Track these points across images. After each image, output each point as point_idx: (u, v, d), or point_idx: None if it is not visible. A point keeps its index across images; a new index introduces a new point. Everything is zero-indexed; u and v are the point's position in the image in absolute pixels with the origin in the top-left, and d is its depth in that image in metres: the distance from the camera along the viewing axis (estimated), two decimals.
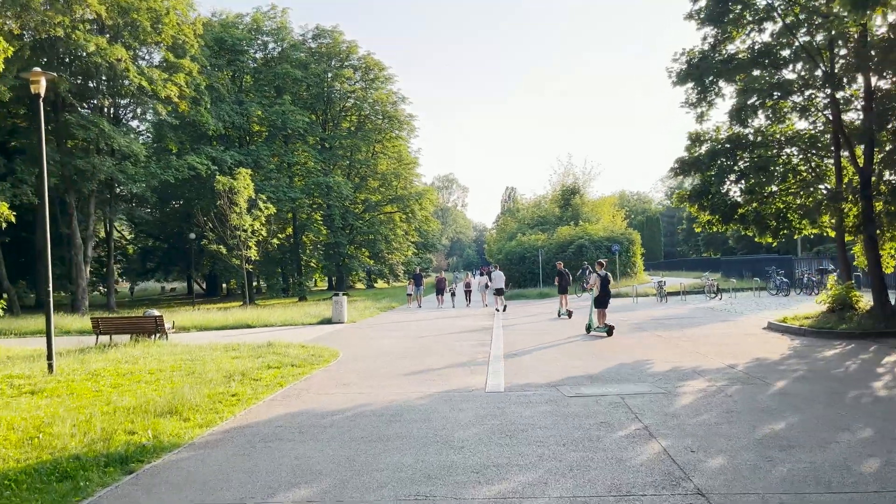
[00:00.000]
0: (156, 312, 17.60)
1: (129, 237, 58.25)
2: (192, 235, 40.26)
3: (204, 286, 63.27)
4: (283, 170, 43.62)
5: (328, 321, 23.04)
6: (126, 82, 31.09)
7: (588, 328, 16.58)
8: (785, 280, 29.36)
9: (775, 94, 15.96)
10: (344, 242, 43.38)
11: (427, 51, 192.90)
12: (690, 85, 18.46)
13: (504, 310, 25.78)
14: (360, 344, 16.25)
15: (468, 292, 38.19)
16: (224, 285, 60.39)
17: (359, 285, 73.33)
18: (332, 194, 41.55)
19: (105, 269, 42.56)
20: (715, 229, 18.55)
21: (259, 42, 44.19)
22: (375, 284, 72.51)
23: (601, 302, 16.31)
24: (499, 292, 25.99)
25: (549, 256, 43.29)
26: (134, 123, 43.65)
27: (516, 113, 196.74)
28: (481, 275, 70.84)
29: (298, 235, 43.88)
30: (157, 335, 17.20)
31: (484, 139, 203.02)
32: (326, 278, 63.16)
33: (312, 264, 46.08)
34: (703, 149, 18.51)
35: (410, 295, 29.87)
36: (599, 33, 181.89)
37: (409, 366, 12.12)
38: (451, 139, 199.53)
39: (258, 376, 11.01)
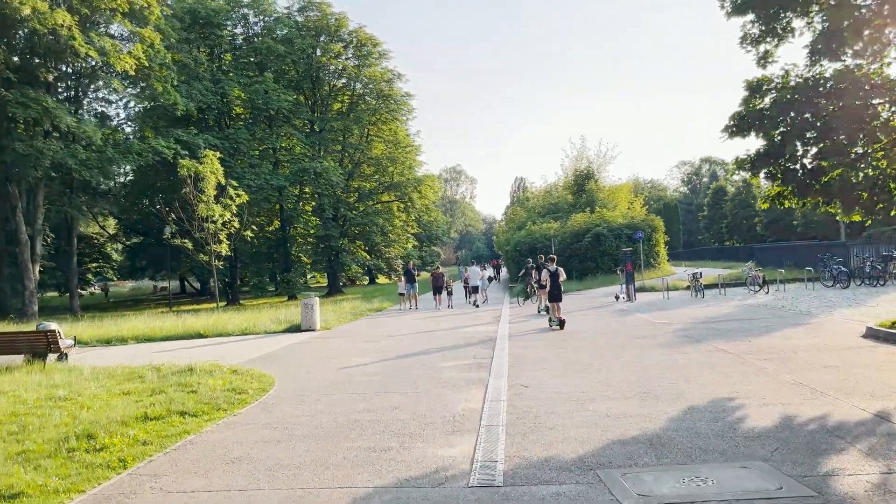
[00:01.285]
0: (52, 325, 13.42)
1: (111, 233, 54.30)
2: (168, 231, 36.21)
3: (197, 285, 59.36)
4: (267, 155, 39.44)
5: (296, 328, 18.85)
6: (73, 53, 26.92)
7: (550, 320, 17.10)
8: (844, 269, 24.82)
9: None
10: (335, 235, 39.19)
11: (435, 42, 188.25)
12: (750, 18, 14.16)
13: (480, 304, 25.48)
14: (313, 367, 11.99)
15: (467, 288, 34.01)
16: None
17: (363, 281, 69.28)
18: (320, 181, 37.33)
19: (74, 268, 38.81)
20: (789, 204, 14.09)
21: (238, 14, 39.94)
22: (377, 280, 68.29)
23: (554, 296, 17.02)
24: (474, 290, 26.12)
25: (563, 246, 38.88)
26: (113, 110, 39.73)
27: (527, 104, 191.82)
28: (493, 268, 66.76)
29: (286, 228, 39.77)
30: (52, 355, 13.04)
31: (493, 130, 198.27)
32: (326, 274, 58.96)
33: (304, 259, 41.91)
34: (767, 100, 14.10)
35: (403, 294, 25.61)
36: (609, 24, 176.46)
37: (363, 415, 7.88)
38: (459, 130, 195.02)
39: (105, 442, 6.81)
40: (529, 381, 9.44)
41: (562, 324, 16.26)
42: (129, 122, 39.44)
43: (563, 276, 17.36)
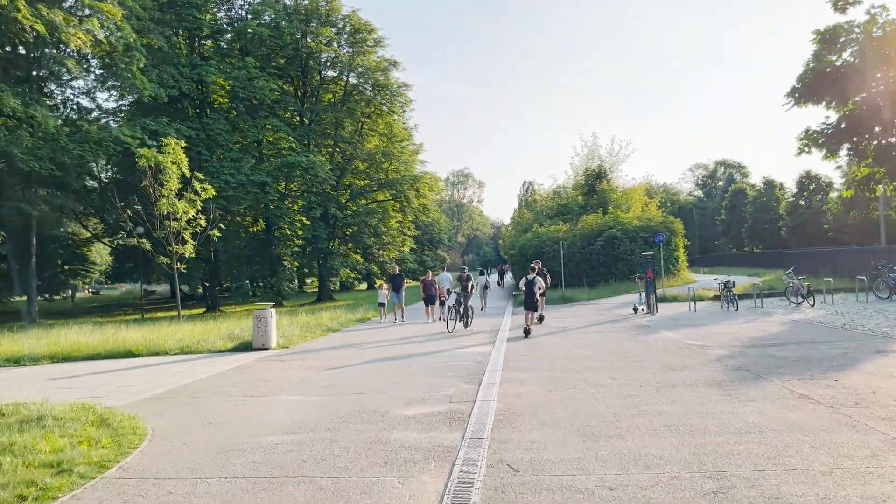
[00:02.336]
0: None
1: (93, 233, 51.15)
2: (140, 230, 33.06)
3: (185, 288, 56.17)
4: (251, 149, 36.20)
5: (247, 346, 15.52)
6: (20, 29, 23.78)
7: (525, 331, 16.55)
8: None
9: None
10: (322, 236, 35.87)
11: (442, 43, 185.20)
12: None
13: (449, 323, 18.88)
14: (217, 415, 8.61)
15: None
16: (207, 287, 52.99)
17: (361, 286, 65.94)
18: (307, 177, 34.05)
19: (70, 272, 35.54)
20: (882, 190, 10.61)
21: None
22: (377, 285, 65.07)
23: (527, 304, 17.26)
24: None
25: (573, 250, 35.40)
26: (93, 103, 36.61)
27: (537, 106, 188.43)
28: (498, 273, 63.14)
29: (272, 228, 36.52)
30: None
31: (502, 133, 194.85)
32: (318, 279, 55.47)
33: (291, 263, 38.57)
34: (847, 54, 10.66)
35: (383, 305, 22.07)
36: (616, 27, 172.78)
37: None
38: (467, 133, 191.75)
39: None
40: (522, 454, 6.03)
41: (526, 332, 16.25)
42: (114, 117, 36.31)
43: (541, 287, 17.52)
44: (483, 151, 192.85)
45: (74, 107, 34.91)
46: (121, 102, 36.33)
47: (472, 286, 30.84)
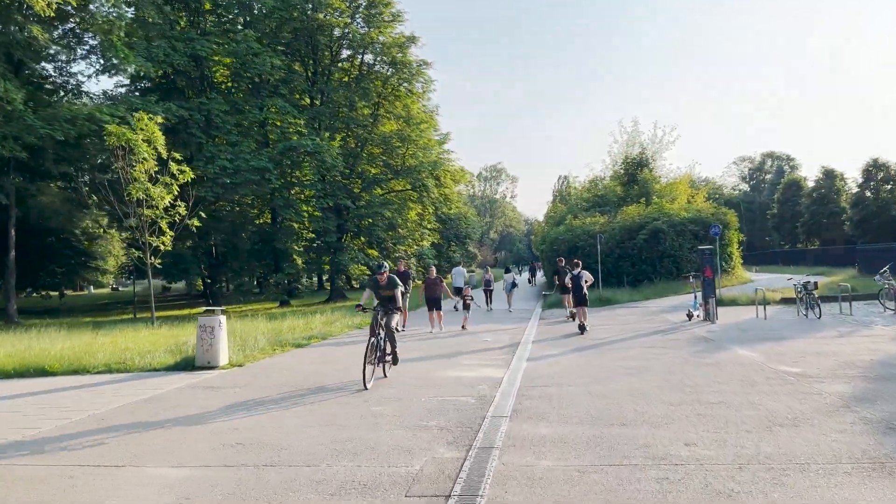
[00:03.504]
0: None
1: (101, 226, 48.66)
2: (132, 222, 30.13)
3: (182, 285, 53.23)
4: (252, 132, 32.97)
5: (191, 363, 12.08)
6: None
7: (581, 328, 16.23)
8: None
9: None
10: (331, 229, 32.50)
11: (474, 41, 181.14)
12: None
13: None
14: None
15: (488, 291, 27.04)
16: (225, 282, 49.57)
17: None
18: (312, 163, 30.70)
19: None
20: None
21: None
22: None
23: (567, 290, 18.07)
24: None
25: (612, 245, 31.41)
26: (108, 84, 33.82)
27: (573, 98, 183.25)
28: (529, 270, 59.17)
29: (277, 220, 33.30)
30: None
31: (536, 127, 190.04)
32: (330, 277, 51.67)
33: (300, 258, 35.18)
34: None
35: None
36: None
37: None
38: (500, 129, 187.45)
39: None
40: None
41: (582, 329, 16.16)
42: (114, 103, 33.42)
43: (589, 280, 16.88)
44: (517, 147, 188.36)
45: (51, 83, 32.12)
46: (116, 80, 33.44)
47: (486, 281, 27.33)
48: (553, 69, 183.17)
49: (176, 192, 21.40)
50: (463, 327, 17.60)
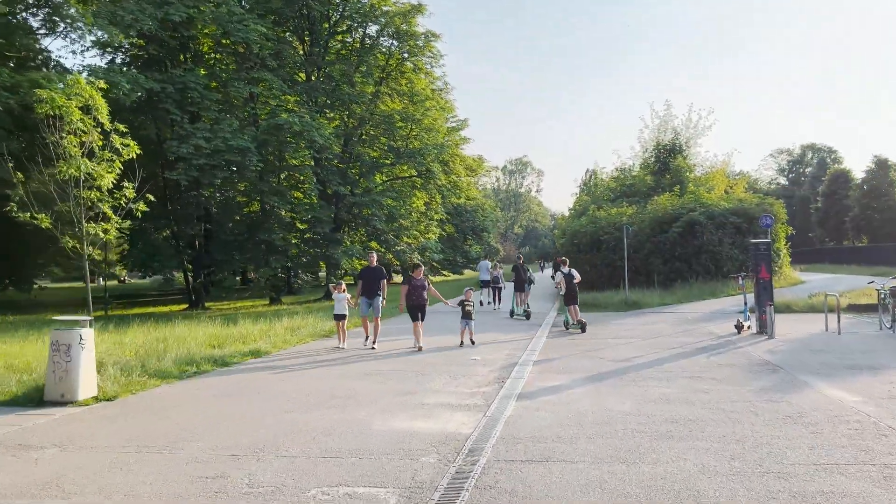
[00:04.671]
0: None
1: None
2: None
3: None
4: (235, 108, 29.64)
5: (39, 396, 8.69)
6: None
7: (566, 324, 16.22)
8: None
9: None
10: (323, 218, 29.10)
11: (496, 32, 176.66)
12: None
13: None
14: None
15: (496, 289, 23.85)
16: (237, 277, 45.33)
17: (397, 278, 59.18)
18: (300, 143, 27.29)
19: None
20: None
21: None
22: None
23: (571, 299, 16.18)
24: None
25: (642, 238, 27.66)
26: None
27: (598, 90, 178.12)
28: (553, 267, 55.19)
29: (266, 209, 29.99)
30: None
31: (563, 119, 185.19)
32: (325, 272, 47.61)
33: (294, 251, 31.73)
34: None
35: (342, 318, 13.64)
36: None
37: None
38: (525, 122, 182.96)
39: None
40: None
41: (583, 327, 15.63)
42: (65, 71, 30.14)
43: (577, 278, 16.66)
44: (544, 140, 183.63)
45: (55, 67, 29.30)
46: (94, 51, 30.34)
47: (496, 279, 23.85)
48: (582, 60, 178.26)
49: (119, 170, 18.09)
50: (462, 343, 13.56)
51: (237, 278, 33.56)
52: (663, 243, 27.53)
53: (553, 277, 49.12)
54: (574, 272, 16.67)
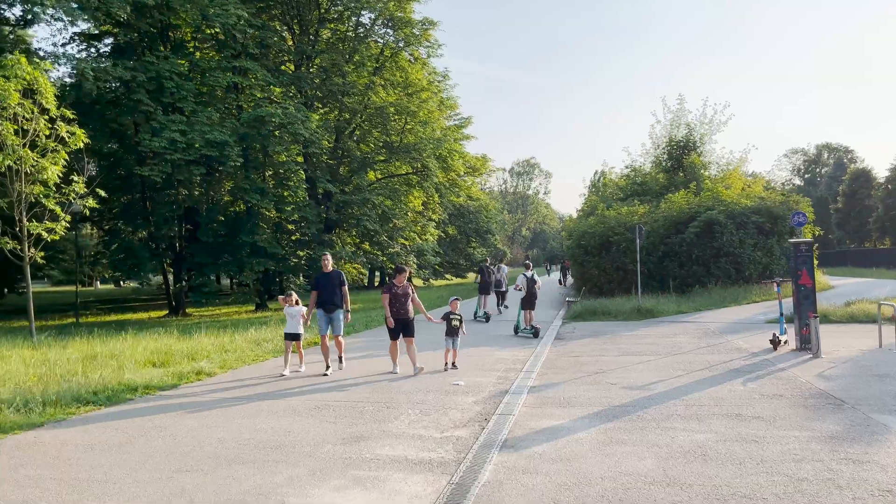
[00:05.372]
0: None
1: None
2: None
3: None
4: (213, 99, 27.61)
5: None
6: None
7: (515, 329, 16.14)
8: None
9: None
10: (310, 218, 27.00)
11: (506, 34, 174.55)
12: None
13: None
14: None
15: (500, 293, 22.08)
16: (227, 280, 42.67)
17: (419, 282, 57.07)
18: (283, 136, 25.22)
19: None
20: None
21: None
22: (414, 282, 55.89)
23: (528, 304, 16.23)
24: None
25: (654, 240, 25.51)
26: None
27: (609, 90, 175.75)
28: (560, 270, 52.97)
29: (250, 209, 27.89)
30: None
31: (572, 121, 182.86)
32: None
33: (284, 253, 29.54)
34: None
35: (294, 339, 11.05)
36: None
37: None
38: (534, 124, 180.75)
39: None
40: None
41: (536, 332, 15.52)
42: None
43: (539, 283, 16.90)
44: (552, 142, 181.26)
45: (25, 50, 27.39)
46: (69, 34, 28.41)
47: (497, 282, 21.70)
48: (593, 60, 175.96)
49: (65, 161, 16.15)
50: (446, 366, 11.04)
51: (225, 282, 31.37)
52: (679, 245, 25.31)
53: (560, 281, 47.38)
54: (536, 277, 16.77)
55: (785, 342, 12.63)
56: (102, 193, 17.03)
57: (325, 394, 9.25)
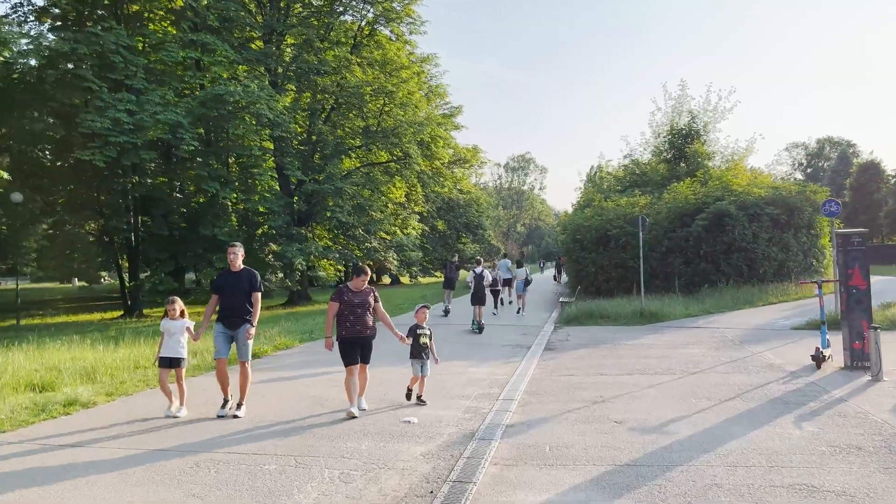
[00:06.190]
0: None
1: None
2: (17, 196, 22.78)
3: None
4: (170, 78, 24.92)
5: None
6: None
7: (473, 322, 16.17)
8: None
9: None
10: (277, 210, 24.40)
11: (505, 31, 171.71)
12: None
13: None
14: None
15: (495, 292, 20.21)
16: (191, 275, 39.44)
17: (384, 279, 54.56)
18: (243, 116, 22.66)
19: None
20: None
21: None
22: (402, 280, 53.40)
23: (476, 300, 16.32)
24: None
25: (658, 233, 23.07)
26: None
27: (607, 89, 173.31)
28: (555, 266, 50.46)
29: (214, 200, 25.25)
30: None
31: (568, 117, 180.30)
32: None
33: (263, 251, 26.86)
34: None
35: (175, 365, 7.85)
36: None
37: None
38: (531, 121, 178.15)
39: None
40: None
41: (480, 329, 15.79)
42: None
43: (488, 279, 17.46)
44: (551, 141, 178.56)
45: None
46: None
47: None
48: (590, 55, 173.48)
49: None
50: (409, 395, 8.27)
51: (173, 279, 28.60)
52: (685, 239, 22.86)
53: (555, 278, 44.96)
54: (486, 273, 17.39)
55: (827, 356, 10.20)
56: (5, 175, 14.44)
57: (218, 440, 6.73)
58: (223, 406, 7.81)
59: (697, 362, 10.86)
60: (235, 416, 7.62)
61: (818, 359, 10.02)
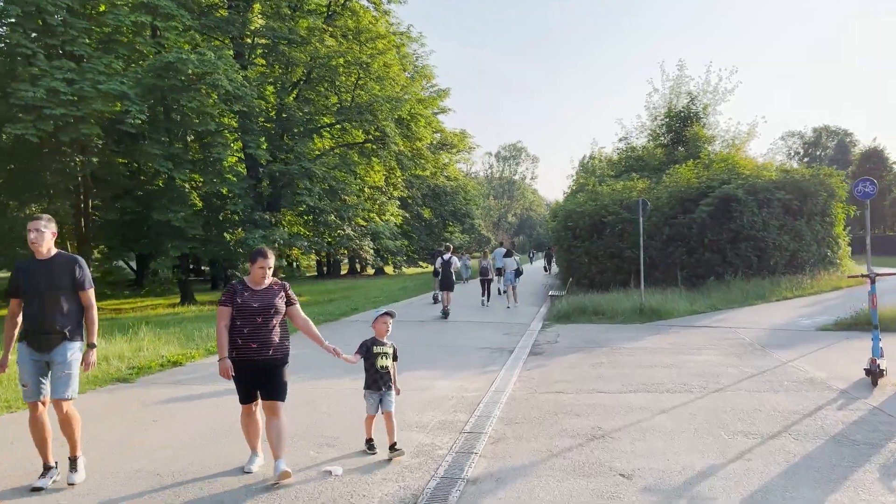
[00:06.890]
0: None
1: None
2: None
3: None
4: (116, 44, 22.40)
5: None
6: None
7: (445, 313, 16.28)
8: None
9: None
10: (239, 192, 22.10)
11: (502, 19, 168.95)
12: None
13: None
14: None
15: (486, 282, 19.44)
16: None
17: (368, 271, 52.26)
18: (199, 87, 20.28)
19: None
20: None
21: None
22: (386, 271, 51.07)
23: (444, 286, 16.74)
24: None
25: (658, 220, 20.95)
26: None
27: (601, 75, 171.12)
28: (545, 257, 48.56)
29: (167, 180, 22.85)
30: None
31: (560, 104, 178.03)
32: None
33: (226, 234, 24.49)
34: None
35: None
36: None
37: None
38: (524, 109, 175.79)
39: None
40: None
41: (446, 315, 16.17)
42: None
43: (456, 264, 17.87)
44: (543, 128, 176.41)
45: None
46: None
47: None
48: (584, 47, 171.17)
49: None
50: (370, 445, 5.61)
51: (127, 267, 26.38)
52: (687, 227, 20.75)
53: (545, 269, 43.05)
54: (454, 259, 17.55)
55: (880, 368, 8.12)
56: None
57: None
58: (43, 474, 4.96)
59: (716, 375, 8.76)
60: (71, 485, 4.93)
61: (874, 373, 7.94)
